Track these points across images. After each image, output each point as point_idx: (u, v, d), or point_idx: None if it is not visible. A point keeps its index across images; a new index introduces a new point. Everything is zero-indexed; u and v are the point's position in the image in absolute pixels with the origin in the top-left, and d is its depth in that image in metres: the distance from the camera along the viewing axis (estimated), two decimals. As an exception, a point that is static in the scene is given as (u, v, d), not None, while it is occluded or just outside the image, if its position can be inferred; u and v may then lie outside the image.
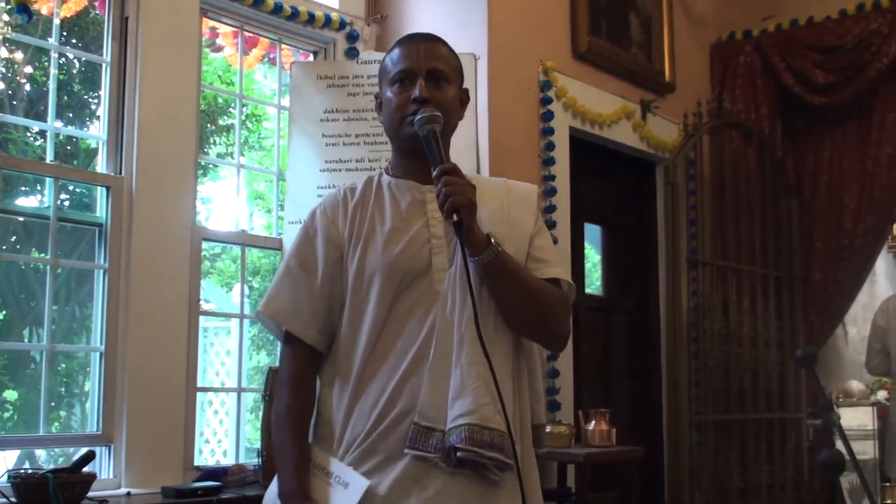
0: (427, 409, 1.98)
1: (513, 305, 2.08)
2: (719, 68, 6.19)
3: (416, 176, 2.20)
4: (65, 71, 4.91)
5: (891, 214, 5.82)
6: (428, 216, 2.15)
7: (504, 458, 1.95)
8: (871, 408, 7.53)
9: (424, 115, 2.08)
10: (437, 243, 2.12)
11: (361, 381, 2.05)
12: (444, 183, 2.00)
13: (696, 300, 5.33)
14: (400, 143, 2.21)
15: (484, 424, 1.94)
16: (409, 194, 2.19)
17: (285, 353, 2.17)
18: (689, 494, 5.06)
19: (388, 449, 2.00)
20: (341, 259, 2.14)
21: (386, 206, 2.18)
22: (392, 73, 2.19)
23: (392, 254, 2.09)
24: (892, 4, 5.60)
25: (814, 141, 5.98)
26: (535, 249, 2.20)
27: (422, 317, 2.06)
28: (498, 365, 1.98)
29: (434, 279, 2.09)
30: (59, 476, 3.12)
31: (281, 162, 4.62)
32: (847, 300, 5.92)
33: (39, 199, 4.52)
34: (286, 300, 2.14)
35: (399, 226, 2.14)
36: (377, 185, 2.24)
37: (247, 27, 4.54)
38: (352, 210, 2.19)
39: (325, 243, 2.16)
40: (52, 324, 3.95)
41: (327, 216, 2.20)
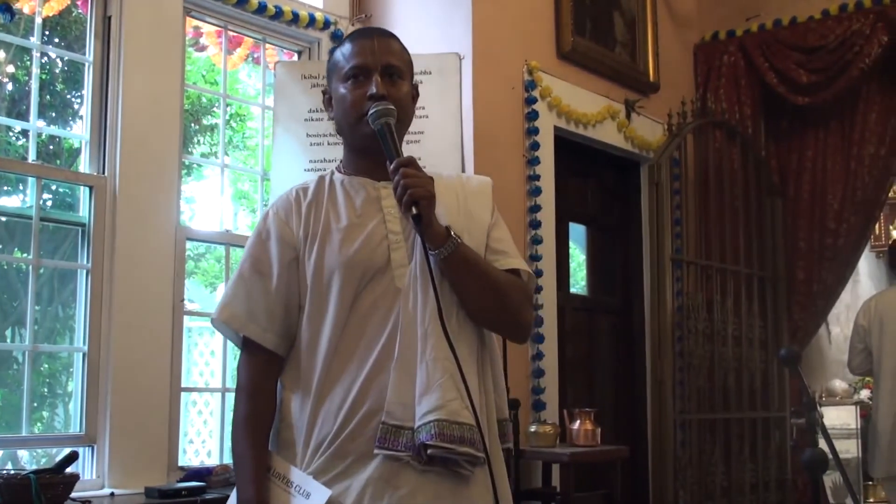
0: (394, 407, 1.95)
1: (475, 298, 2.06)
2: (703, 68, 6.21)
3: (370, 173, 2.16)
4: (47, 70, 4.88)
5: (874, 214, 5.85)
6: (384, 212, 2.11)
7: (475, 451, 1.93)
8: (854, 407, 7.56)
9: (378, 108, 2.04)
10: (395, 239, 2.08)
11: (325, 382, 2.01)
12: (401, 175, 1.96)
13: (680, 300, 5.35)
14: (355, 141, 2.17)
15: (453, 419, 1.92)
16: (363, 191, 2.15)
17: (242, 359, 2.12)
18: (674, 493, 5.07)
19: (357, 450, 1.96)
20: (297, 260, 2.10)
21: (340, 204, 2.14)
22: (345, 68, 2.14)
23: (350, 251, 2.05)
24: (874, 5, 5.63)
25: (797, 141, 6.00)
26: (494, 241, 2.17)
27: (384, 314, 2.02)
28: (463, 358, 1.96)
29: (394, 275, 2.05)
30: (41, 477, 3.10)
31: (265, 161, 4.61)
32: (830, 300, 5.95)
33: (22, 199, 4.50)
34: (241, 305, 2.10)
35: (355, 223, 2.10)
36: (330, 184, 2.20)
37: (231, 26, 4.53)
38: (305, 210, 2.14)
39: (279, 245, 2.11)
40: (35, 324, 3.93)
41: (280, 217, 2.15)
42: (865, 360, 5.89)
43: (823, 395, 7.85)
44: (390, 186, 2.04)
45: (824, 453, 3.05)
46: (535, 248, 4.77)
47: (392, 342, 1.99)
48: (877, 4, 5.62)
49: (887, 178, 5.76)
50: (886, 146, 5.69)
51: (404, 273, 2.05)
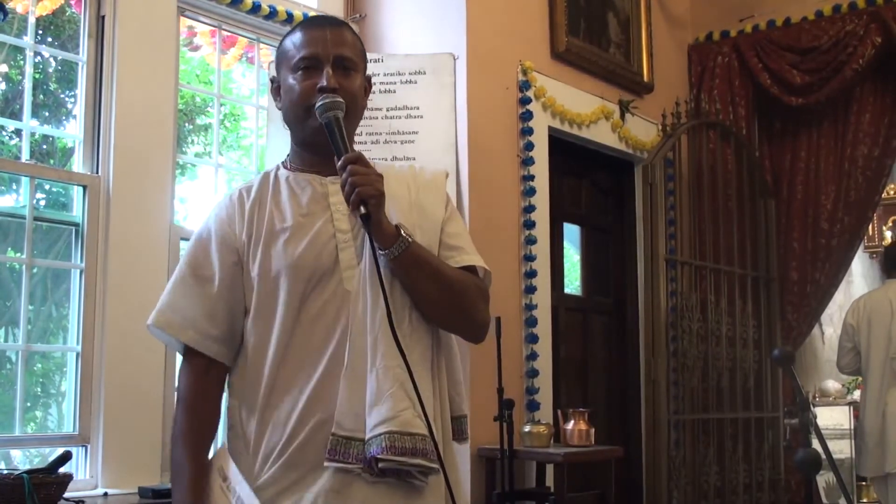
0: (344, 418, 1.87)
1: (428, 298, 1.97)
2: (697, 69, 6.22)
3: (318, 168, 2.06)
4: (40, 69, 4.87)
5: (867, 215, 5.86)
6: (332, 210, 2.01)
7: (427, 462, 1.85)
8: (847, 407, 7.59)
9: (326, 101, 1.94)
10: (343, 238, 1.98)
11: (273, 391, 1.92)
12: (349, 173, 1.86)
13: (674, 300, 5.35)
14: (303, 135, 2.06)
15: (404, 430, 1.84)
16: (309, 188, 2.05)
17: (182, 367, 2.03)
18: (667, 493, 5.08)
19: (307, 462, 1.88)
20: (239, 263, 2.00)
21: (284, 203, 2.04)
22: (295, 58, 2.05)
23: (295, 253, 1.95)
24: (867, 6, 5.64)
25: (791, 141, 6.01)
26: (448, 237, 2.07)
27: (333, 319, 1.93)
28: (415, 362, 1.89)
29: (343, 277, 1.95)
30: (34, 477, 3.09)
31: (259, 161, 4.61)
32: (824, 300, 5.96)
33: (15, 199, 4.48)
34: (179, 310, 2.01)
35: (301, 222, 2.00)
36: (274, 181, 2.09)
37: (225, 26, 4.52)
38: (248, 210, 2.04)
39: (221, 247, 2.01)
40: (28, 324, 3.92)
41: (221, 219, 2.05)
42: (854, 360, 5.91)
43: (817, 395, 7.87)
44: (339, 182, 1.95)
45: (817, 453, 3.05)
46: (529, 249, 4.77)
47: (341, 349, 1.91)
48: (870, 5, 5.63)
49: (880, 179, 5.77)
50: (880, 147, 5.70)
51: (353, 275, 1.96)
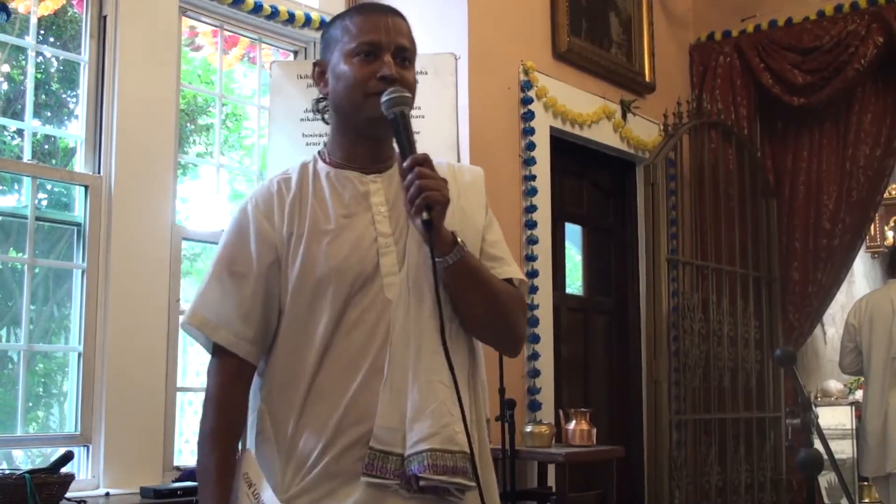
0: (382, 431, 1.80)
1: (474, 309, 1.90)
2: (699, 68, 6.21)
3: (359, 164, 1.97)
4: (42, 70, 4.87)
5: (868, 215, 5.86)
6: (373, 211, 1.92)
7: (467, 482, 1.81)
8: (849, 407, 7.58)
9: (395, 95, 1.85)
10: (385, 242, 1.89)
11: (310, 398, 1.85)
12: (417, 175, 1.77)
13: (676, 300, 5.35)
14: (356, 124, 1.96)
15: (446, 448, 1.79)
16: (350, 185, 1.95)
17: (213, 367, 1.93)
18: (669, 493, 5.07)
19: (343, 474, 1.81)
20: (277, 262, 1.90)
21: (327, 201, 1.93)
22: (354, 43, 1.93)
23: (340, 256, 1.86)
24: (869, 6, 5.64)
25: (792, 141, 6.01)
26: (489, 245, 2.00)
27: (372, 327, 1.85)
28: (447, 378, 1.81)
29: (384, 284, 1.87)
30: (36, 477, 3.10)
31: (261, 161, 4.61)
32: (826, 300, 5.95)
33: (17, 199, 4.48)
34: (213, 309, 1.91)
35: (343, 223, 1.90)
36: (314, 175, 1.99)
37: (226, 26, 4.52)
38: (289, 205, 1.93)
39: (259, 243, 1.91)
40: (30, 324, 3.92)
41: (260, 211, 1.94)
42: (856, 360, 5.91)
43: (819, 395, 7.87)
44: (380, 181, 1.93)
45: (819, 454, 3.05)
46: (530, 249, 4.77)
47: (381, 359, 1.83)
48: (872, 5, 5.63)
49: (882, 179, 5.76)
50: (881, 147, 5.70)
51: (394, 282, 1.87)
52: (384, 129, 1.92)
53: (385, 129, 1.92)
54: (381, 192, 1.93)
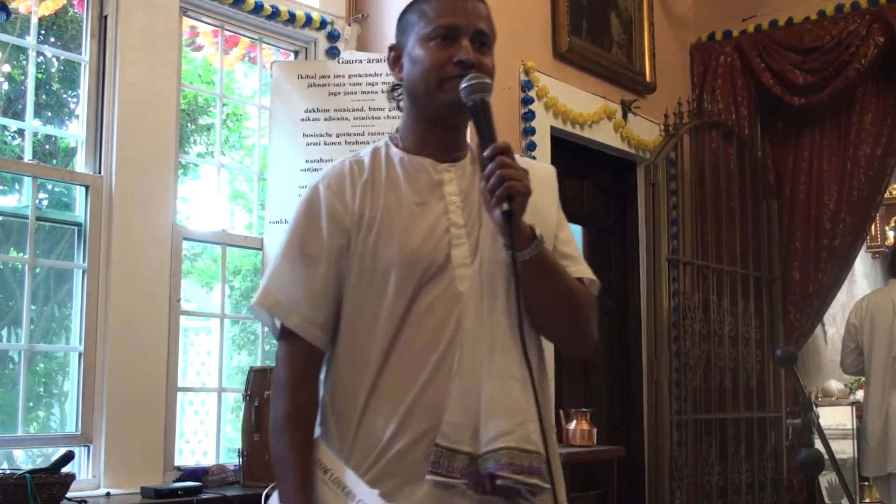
0: (450, 428, 1.73)
1: (548, 307, 1.84)
2: (699, 68, 6.21)
3: (433, 151, 1.91)
4: (43, 69, 4.87)
5: (869, 215, 5.86)
6: (446, 200, 1.86)
7: (543, 483, 1.75)
8: (850, 407, 7.59)
9: (475, 81, 1.80)
10: (457, 233, 1.83)
11: (375, 391, 1.78)
12: (499, 164, 1.71)
13: (676, 300, 5.35)
14: (430, 109, 1.89)
15: (522, 447, 1.73)
16: (423, 173, 1.89)
17: (283, 352, 1.86)
18: (670, 493, 5.07)
19: (405, 472, 1.74)
20: (347, 246, 1.83)
21: (401, 186, 1.87)
22: (430, 26, 1.87)
23: (413, 244, 1.80)
24: (870, 6, 5.64)
25: (793, 141, 6.01)
26: (561, 243, 1.95)
27: (441, 320, 1.78)
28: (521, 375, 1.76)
29: (455, 276, 1.80)
30: (37, 476, 3.09)
31: (261, 161, 4.61)
32: (826, 300, 5.95)
33: (18, 199, 4.48)
34: (285, 291, 1.84)
35: (415, 211, 1.84)
36: (387, 159, 1.92)
37: (227, 26, 4.52)
38: (361, 187, 1.86)
39: (331, 225, 1.84)
40: (31, 324, 3.92)
41: (332, 191, 1.87)
42: (857, 360, 5.92)
43: (819, 395, 7.87)
44: (453, 170, 1.88)
45: (820, 454, 3.05)
46: (531, 249, 4.76)
47: (450, 353, 1.77)
48: (873, 5, 5.63)
49: (883, 179, 5.76)
50: (882, 147, 5.70)
51: (465, 274, 1.81)
52: (460, 116, 1.89)
53: (460, 116, 1.89)
54: (455, 182, 1.88)
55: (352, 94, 4.16)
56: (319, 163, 4.14)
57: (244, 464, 3.78)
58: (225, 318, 4.44)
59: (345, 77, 4.25)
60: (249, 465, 3.77)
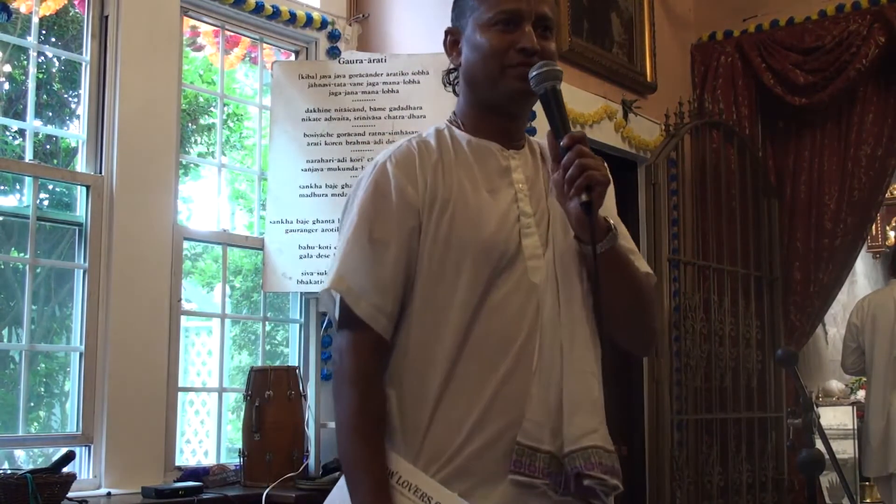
0: (532, 426, 1.66)
1: (618, 301, 1.79)
2: (700, 68, 6.21)
3: (499, 137, 1.84)
4: (44, 70, 4.87)
5: (870, 215, 5.86)
6: (515, 188, 1.79)
7: (619, 484, 1.73)
8: (850, 407, 7.59)
9: (544, 69, 1.72)
10: (527, 223, 1.76)
11: (450, 386, 1.68)
12: (577, 153, 1.65)
13: (677, 300, 5.35)
14: (492, 98, 1.83)
15: (607, 447, 1.71)
16: (493, 158, 1.82)
17: (347, 343, 1.73)
18: (671, 493, 5.07)
19: (484, 470, 1.66)
20: (417, 230, 1.73)
21: (473, 170, 1.79)
22: (492, 12, 1.81)
23: (487, 231, 1.72)
24: (871, 5, 5.64)
25: (794, 141, 6.01)
26: (621, 237, 1.86)
27: (517, 312, 1.70)
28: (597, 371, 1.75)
29: (527, 267, 1.73)
30: (38, 476, 3.10)
31: (262, 161, 4.61)
32: (827, 300, 5.95)
33: (19, 199, 4.49)
34: (355, 277, 1.71)
35: (487, 197, 1.76)
36: (453, 142, 1.84)
37: (228, 26, 4.52)
38: (432, 168, 1.77)
39: (401, 207, 1.74)
40: (32, 324, 3.92)
41: (401, 171, 1.77)
42: (858, 360, 5.92)
43: (820, 395, 7.87)
44: (518, 157, 1.81)
45: (821, 454, 3.05)
46: (532, 249, 4.76)
47: (530, 347, 1.69)
48: (874, 5, 5.63)
49: (884, 179, 5.76)
50: (883, 147, 5.69)
51: (538, 266, 1.74)
52: (521, 104, 1.84)
53: (521, 105, 1.84)
54: (521, 170, 1.81)
55: (353, 94, 4.16)
56: (320, 163, 4.13)
57: (245, 464, 3.78)
58: (226, 318, 4.44)
59: (345, 77, 4.25)
60: (250, 465, 3.77)
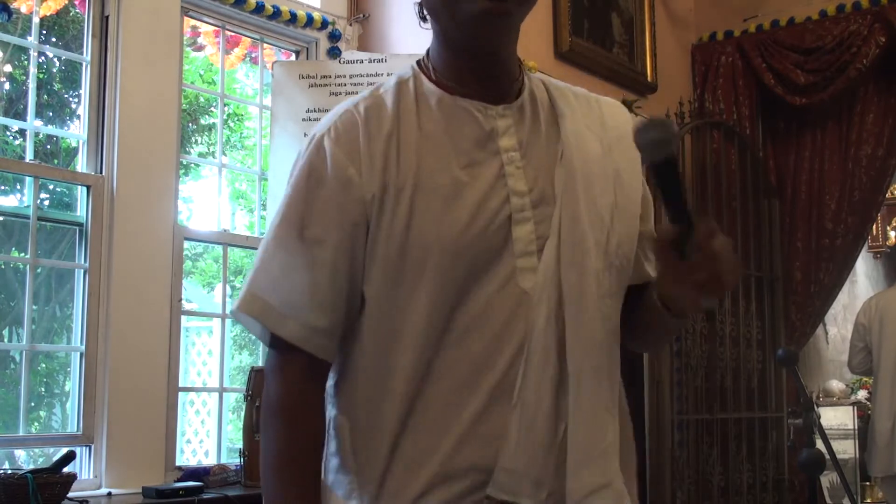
0: (506, 475, 1.31)
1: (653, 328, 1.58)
2: (700, 69, 6.21)
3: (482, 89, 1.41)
4: (44, 70, 4.88)
5: (871, 215, 5.86)
6: (502, 158, 1.37)
7: None
8: (851, 407, 7.59)
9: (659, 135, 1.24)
10: (519, 204, 1.34)
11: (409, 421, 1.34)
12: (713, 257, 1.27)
13: (677, 300, 5.34)
14: (455, 33, 1.40)
15: None
16: (471, 122, 1.39)
17: (275, 365, 1.39)
18: (671, 493, 5.07)
19: None
20: (364, 224, 1.35)
21: (437, 140, 1.37)
22: None
23: (458, 225, 1.32)
24: (871, 6, 5.64)
25: (794, 141, 6.01)
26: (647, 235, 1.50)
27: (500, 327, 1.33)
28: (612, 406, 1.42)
29: (516, 267, 1.33)
30: (38, 476, 3.10)
31: (263, 161, 4.61)
32: (828, 300, 5.95)
33: (19, 199, 4.49)
34: (277, 290, 1.36)
35: (462, 177, 1.34)
36: (417, 100, 1.40)
37: (228, 26, 4.52)
38: (383, 145, 1.36)
39: (340, 197, 1.35)
40: (32, 324, 3.93)
41: (342, 149, 1.36)
42: (865, 359, 5.92)
43: (821, 395, 7.87)
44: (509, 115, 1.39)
45: (821, 454, 3.05)
46: (532, 249, 4.76)
47: (512, 374, 1.33)
48: (874, 5, 5.63)
49: (884, 179, 5.76)
50: (884, 147, 5.69)
51: (530, 266, 1.34)
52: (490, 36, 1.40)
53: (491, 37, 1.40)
54: (513, 133, 1.39)
55: (353, 94, 4.12)
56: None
57: (245, 464, 3.78)
58: (226, 318, 4.44)
59: (346, 77, 4.25)
60: (251, 465, 3.77)
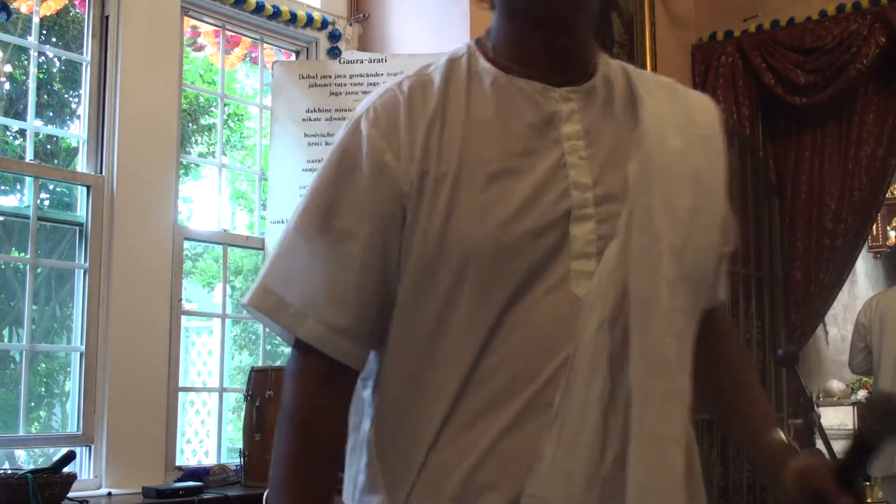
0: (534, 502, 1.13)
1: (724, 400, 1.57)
2: (700, 69, 6.21)
3: (546, 67, 1.25)
4: (45, 70, 4.88)
5: (871, 215, 5.85)
6: (563, 147, 1.21)
7: None
8: (851, 407, 7.58)
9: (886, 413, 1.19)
10: (580, 200, 1.18)
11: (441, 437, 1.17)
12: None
13: (677, 300, 5.34)
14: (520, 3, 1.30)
15: None
16: (529, 103, 1.23)
17: (291, 367, 1.25)
18: (671, 493, 5.07)
19: None
20: (401, 216, 1.19)
21: (489, 125, 1.22)
22: None
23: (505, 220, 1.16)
24: (871, 6, 5.64)
25: (794, 141, 6.01)
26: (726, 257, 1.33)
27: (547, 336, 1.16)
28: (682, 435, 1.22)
29: (571, 269, 1.17)
30: (38, 476, 3.10)
31: (263, 161, 4.61)
32: (828, 300, 5.95)
33: (19, 199, 4.50)
34: (296, 285, 1.21)
35: (516, 165, 1.18)
36: (469, 80, 1.26)
37: (228, 26, 4.52)
38: (426, 126, 1.21)
39: (374, 184, 1.20)
40: (32, 324, 3.93)
41: (381, 133, 1.21)
42: (866, 359, 5.92)
43: (821, 395, 7.87)
44: (574, 99, 1.24)
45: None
46: (532, 249, 4.76)
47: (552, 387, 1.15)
48: (874, 5, 5.62)
49: (884, 179, 5.76)
50: (884, 147, 5.69)
51: (587, 269, 1.17)
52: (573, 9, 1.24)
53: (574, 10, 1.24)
54: (577, 118, 1.23)
55: (353, 94, 4.16)
56: (321, 163, 4.12)
57: (245, 464, 3.78)
58: (226, 318, 4.44)
59: (346, 77, 4.25)
60: (251, 465, 3.77)
